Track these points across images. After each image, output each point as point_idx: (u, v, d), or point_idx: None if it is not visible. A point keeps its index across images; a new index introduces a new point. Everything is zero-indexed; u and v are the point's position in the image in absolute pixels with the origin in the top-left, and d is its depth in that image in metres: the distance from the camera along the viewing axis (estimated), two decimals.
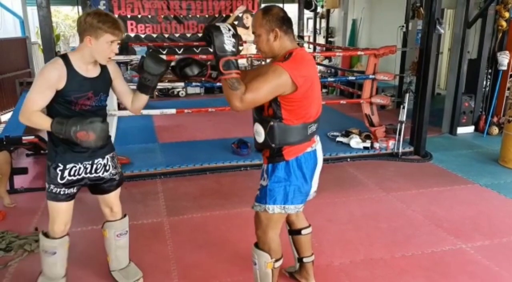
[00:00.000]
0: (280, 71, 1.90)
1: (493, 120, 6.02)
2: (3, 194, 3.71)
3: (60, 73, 2.10)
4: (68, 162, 2.25)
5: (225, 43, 1.87)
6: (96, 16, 2.07)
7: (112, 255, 2.62)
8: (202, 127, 6.37)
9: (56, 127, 2.08)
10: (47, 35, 3.88)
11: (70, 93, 2.14)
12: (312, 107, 2.06)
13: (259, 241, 2.22)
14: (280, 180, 2.08)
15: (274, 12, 1.99)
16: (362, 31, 9.63)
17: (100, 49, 2.12)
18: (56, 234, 2.36)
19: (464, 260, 2.92)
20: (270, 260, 2.19)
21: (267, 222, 2.16)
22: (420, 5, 6.90)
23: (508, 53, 5.77)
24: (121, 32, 2.13)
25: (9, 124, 6.12)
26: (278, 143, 2.04)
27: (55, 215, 2.33)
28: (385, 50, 5.07)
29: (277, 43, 2.01)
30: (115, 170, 2.44)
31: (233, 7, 9.56)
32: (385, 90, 7.57)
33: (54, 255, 2.39)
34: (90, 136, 2.07)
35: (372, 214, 3.60)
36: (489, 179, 4.36)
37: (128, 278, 2.62)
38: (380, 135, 5.23)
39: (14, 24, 9.30)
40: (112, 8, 8.79)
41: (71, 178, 2.28)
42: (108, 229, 2.56)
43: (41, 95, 2.10)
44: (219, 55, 1.87)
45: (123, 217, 2.61)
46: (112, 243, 2.59)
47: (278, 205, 2.09)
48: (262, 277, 2.23)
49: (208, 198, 3.91)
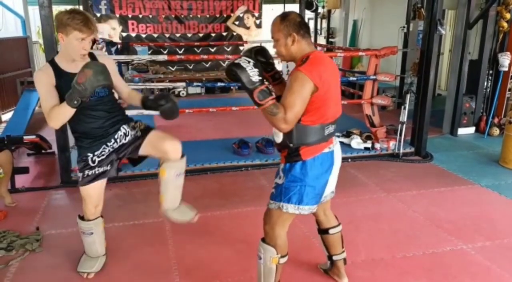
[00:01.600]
0: (302, 78, 1.99)
1: (494, 121, 6.02)
2: (5, 194, 3.71)
3: (47, 73, 2.27)
4: (93, 150, 2.47)
5: (251, 76, 1.97)
6: (66, 14, 2.19)
7: (170, 194, 2.61)
8: (203, 128, 6.37)
9: (68, 99, 2.16)
10: (49, 35, 3.88)
11: (62, 91, 2.26)
12: (330, 108, 2.12)
13: (267, 236, 2.26)
14: (295, 180, 2.13)
15: (291, 18, 2.09)
16: (363, 31, 9.63)
17: (70, 46, 2.23)
18: (89, 216, 2.60)
19: (465, 261, 2.92)
20: (276, 255, 2.22)
21: (276, 219, 2.20)
22: (421, 6, 6.90)
23: (509, 54, 5.77)
24: (90, 30, 2.22)
25: (10, 123, 6.14)
26: (295, 143, 2.11)
27: (86, 199, 2.55)
28: (386, 50, 5.07)
29: (295, 47, 2.10)
30: (134, 131, 2.59)
31: (234, 7, 9.57)
32: (386, 91, 7.57)
33: (92, 235, 2.64)
34: (87, 73, 2.10)
35: (373, 215, 3.60)
36: (490, 179, 4.36)
37: (185, 215, 2.66)
38: (381, 136, 5.23)
39: (16, 24, 9.30)
40: (113, 8, 8.81)
41: (100, 158, 2.49)
42: (168, 170, 2.54)
43: (48, 95, 2.27)
44: (251, 89, 1.98)
45: (182, 156, 2.58)
46: (170, 182, 2.57)
47: (293, 205, 2.14)
48: (266, 272, 2.25)
49: (209, 198, 3.91)
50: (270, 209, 2.22)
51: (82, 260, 2.74)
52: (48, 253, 3.00)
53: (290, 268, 2.77)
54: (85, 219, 2.63)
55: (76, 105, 2.17)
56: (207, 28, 9.56)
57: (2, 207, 3.65)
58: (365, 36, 9.59)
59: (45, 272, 2.78)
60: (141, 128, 2.62)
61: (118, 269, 2.80)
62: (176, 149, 2.53)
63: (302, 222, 3.32)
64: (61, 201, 3.97)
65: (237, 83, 2.14)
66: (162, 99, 2.45)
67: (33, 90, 7.45)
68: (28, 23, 8.81)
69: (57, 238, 3.21)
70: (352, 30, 9.85)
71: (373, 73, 5.16)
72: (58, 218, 3.55)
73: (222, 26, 9.66)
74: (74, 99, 2.15)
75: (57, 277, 2.74)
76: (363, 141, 5.24)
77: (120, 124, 2.55)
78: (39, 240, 3.10)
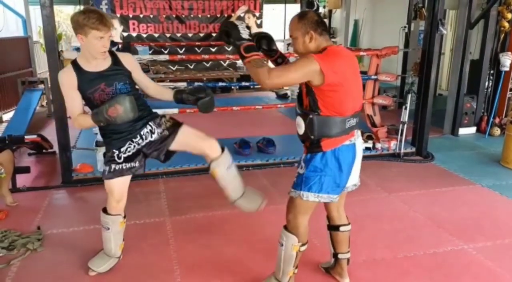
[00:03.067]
0: (311, 60, 2.04)
1: (495, 121, 6.02)
2: (6, 193, 3.71)
3: (68, 75, 2.33)
4: (119, 146, 2.50)
5: (241, 33, 2.12)
6: (81, 14, 2.23)
7: (230, 186, 2.61)
8: (204, 127, 6.27)
9: (94, 118, 2.31)
10: (50, 35, 3.88)
11: (84, 90, 2.35)
12: (348, 101, 2.16)
13: (289, 224, 2.33)
14: (316, 170, 2.20)
15: (309, 16, 2.16)
16: (364, 31, 9.63)
17: (91, 45, 2.27)
18: (110, 211, 2.62)
19: (467, 261, 2.92)
20: (297, 243, 2.30)
21: (299, 208, 2.28)
22: (422, 5, 6.90)
23: (510, 54, 5.77)
24: (107, 27, 2.25)
25: (11, 123, 6.15)
26: (316, 134, 2.17)
27: (109, 193, 2.58)
28: (387, 50, 5.07)
29: (313, 44, 2.15)
30: (160, 128, 2.57)
31: (235, 7, 9.56)
32: (387, 91, 7.57)
33: (108, 231, 2.66)
34: (118, 109, 2.23)
35: (374, 215, 3.60)
36: (491, 179, 4.36)
37: (254, 202, 2.63)
38: (382, 136, 5.23)
39: (17, 24, 9.31)
40: (114, 8, 8.80)
41: (126, 154, 2.51)
42: (217, 168, 2.55)
43: (71, 99, 2.36)
44: (238, 44, 2.11)
45: (222, 151, 2.59)
46: (226, 177, 2.59)
47: (313, 193, 2.21)
48: (287, 258, 2.34)
49: (210, 198, 3.91)
50: (292, 198, 2.30)
51: (97, 255, 2.76)
52: (50, 252, 3.00)
53: None
54: (107, 212, 2.64)
55: (101, 125, 2.38)
56: (208, 28, 9.56)
57: (3, 207, 3.65)
58: (366, 36, 9.59)
59: (46, 271, 2.79)
60: (167, 126, 2.59)
61: (119, 269, 2.79)
62: (213, 147, 2.56)
63: None
64: (62, 201, 3.98)
65: (239, 83, 2.25)
66: (201, 92, 2.50)
67: (34, 90, 7.48)
68: (29, 23, 8.81)
69: (58, 238, 3.21)
70: (353, 30, 9.85)
71: (374, 73, 5.16)
72: (59, 218, 3.56)
73: None
74: (101, 122, 2.31)
75: (58, 276, 2.74)
76: (364, 140, 5.23)
77: (146, 120, 2.55)
78: (41, 240, 3.10)
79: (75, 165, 4.33)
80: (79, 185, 4.18)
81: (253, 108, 5.54)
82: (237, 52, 2.12)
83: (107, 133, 2.52)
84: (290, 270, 2.38)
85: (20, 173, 4.09)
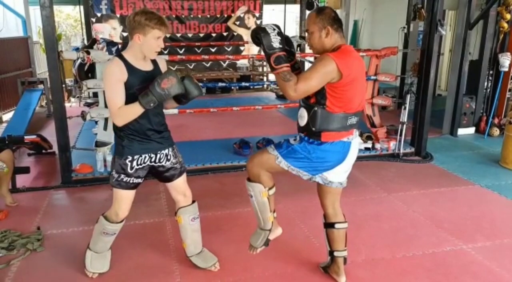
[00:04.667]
0: (327, 60, 2.11)
1: (494, 122, 6.03)
2: (6, 193, 3.72)
3: (120, 68, 2.31)
4: (136, 153, 2.45)
5: (272, 42, 2.13)
6: (143, 15, 2.28)
7: (189, 240, 2.76)
8: (204, 128, 6.37)
9: (143, 99, 2.26)
10: (50, 35, 3.88)
11: (133, 85, 2.34)
12: (355, 99, 2.24)
13: (250, 174, 2.45)
14: (304, 150, 2.29)
15: (327, 12, 2.24)
16: (363, 32, 9.65)
17: (148, 44, 2.31)
18: (119, 218, 2.59)
19: (465, 260, 2.93)
20: (264, 189, 2.41)
21: (266, 163, 2.38)
22: (422, 6, 6.90)
23: (509, 54, 5.78)
24: (167, 28, 2.35)
25: (11, 123, 6.15)
26: (318, 127, 2.24)
27: (121, 202, 2.54)
28: (386, 51, 5.08)
29: (328, 39, 2.22)
30: (175, 159, 2.62)
31: (234, 7, 9.57)
32: (387, 91, 7.58)
33: (113, 235, 2.66)
34: (172, 80, 2.26)
35: (373, 215, 3.61)
36: (490, 180, 4.37)
37: (207, 262, 2.80)
38: (381, 136, 5.23)
39: (17, 24, 9.31)
40: (114, 8, 8.80)
41: (139, 166, 2.48)
42: (182, 215, 2.70)
43: (115, 91, 2.31)
44: (269, 53, 2.13)
45: (193, 202, 2.75)
46: (187, 227, 2.73)
47: (287, 163, 2.32)
48: (260, 206, 2.45)
49: (209, 198, 3.92)
50: (266, 150, 2.40)
51: (90, 258, 2.71)
52: (49, 252, 3.01)
53: (290, 268, 2.79)
54: (112, 221, 2.58)
55: (151, 107, 2.29)
56: (207, 28, 9.57)
57: (3, 207, 3.65)
58: (366, 36, 9.60)
59: (46, 272, 2.79)
60: (180, 161, 2.66)
61: (120, 269, 2.80)
62: (188, 198, 2.71)
63: (303, 222, 3.34)
64: (61, 201, 3.98)
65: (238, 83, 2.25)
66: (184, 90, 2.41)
67: (34, 90, 7.49)
68: (29, 23, 8.82)
69: (58, 238, 3.22)
70: (352, 31, 9.86)
71: (374, 73, 5.17)
72: (59, 218, 3.56)
73: (222, 26, 9.67)
74: (151, 102, 2.26)
75: (58, 276, 2.75)
76: (364, 141, 5.25)
77: (166, 144, 2.57)
78: (40, 240, 3.11)
79: (75, 165, 4.33)
80: (79, 185, 4.19)
81: (253, 109, 5.55)
82: (267, 61, 2.15)
83: (132, 133, 2.42)
84: (268, 215, 2.48)
85: (20, 173, 4.09)
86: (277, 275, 2.70)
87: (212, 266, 2.79)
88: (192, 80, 2.41)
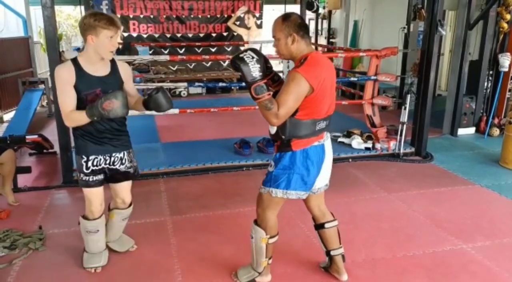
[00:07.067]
0: (298, 78, 2.12)
1: (494, 122, 6.04)
2: (8, 193, 3.73)
3: (69, 72, 2.36)
4: (90, 154, 2.53)
5: (252, 71, 2.12)
6: (92, 16, 2.32)
7: (113, 232, 2.91)
8: (204, 127, 6.39)
9: (89, 112, 2.33)
10: (51, 35, 3.89)
11: (80, 90, 2.38)
12: (323, 105, 2.25)
13: (258, 218, 2.46)
14: (285, 168, 2.31)
15: (293, 19, 2.21)
16: (363, 32, 9.65)
17: (101, 44, 2.34)
18: (95, 214, 2.66)
19: (465, 260, 2.94)
20: (265, 236, 2.44)
21: (268, 203, 2.39)
22: (422, 6, 6.92)
23: (509, 54, 5.78)
24: (117, 27, 2.35)
25: (12, 123, 6.16)
26: (287, 135, 2.26)
27: (90, 198, 2.62)
28: (386, 51, 5.09)
29: (294, 46, 2.22)
30: (130, 164, 2.68)
31: (234, 7, 9.59)
32: (387, 91, 7.59)
33: (97, 233, 2.71)
34: (114, 103, 2.29)
35: (373, 214, 3.62)
36: (490, 180, 4.38)
37: (124, 246, 2.97)
38: (381, 136, 5.25)
39: (17, 24, 9.32)
40: (114, 8, 8.82)
41: (95, 168, 2.55)
42: (116, 215, 2.84)
43: (64, 94, 2.36)
44: (250, 83, 2.13)
45: (130, 205, 2.87)
46: (116, 225, 2.88)
47: (281, 190, 2.32)
48: (257, 250, 2.49)
49: (210, 198, 3.93)
50: (261, 194, 2.41)
51: (86, 257, 2.77)
52: (51, 251, 3.02)
53: (290, 268, 2.80)
54: (90, 218, 2.67)
55: (95, 120, 2.39)
56: (208, 28, 9.59)
57: (5, 206, 3.67)
58: (366, 36, 9.60)
59: (48, 271, 2.80)
60: (135, 166, 2.73)
61: (120, 268, 2.82)
62: (127, 201, 2.83)
63: (303, 222, 3.35)
64: (63, 200, 4.00)
65: (239, 83, 2.26)
66: (154, 90, 2.49)
67: (35, 90, 7.50)
68: (29, 23, 8.83)
69: (60, 237, 3.23)
70: (352, 31, 9.86)
71: (374, 73, 5.18)
72: (61, 217, 3.57)
73: (223, 26, 9.68)
74: (95, 116, 2.34)
75: (60, 275, 2.76)
76: (364, 141, 5.26)
77: (121, 147, 2.62)
78: (42, 239, 3.12)
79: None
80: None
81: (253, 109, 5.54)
82: (248, 91, 2.15)
83: (85, 134, 2.50)
84: (263, 260, 2.51)
85: (22, 173, 4.11)
86: (277, 275, 2.71)
87: (130, 248, 2.96)
88: (164, 94, 2.45)
